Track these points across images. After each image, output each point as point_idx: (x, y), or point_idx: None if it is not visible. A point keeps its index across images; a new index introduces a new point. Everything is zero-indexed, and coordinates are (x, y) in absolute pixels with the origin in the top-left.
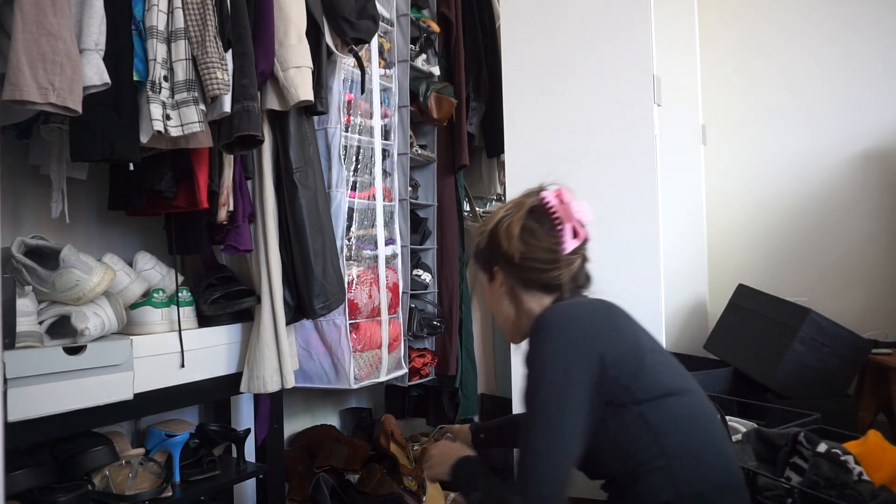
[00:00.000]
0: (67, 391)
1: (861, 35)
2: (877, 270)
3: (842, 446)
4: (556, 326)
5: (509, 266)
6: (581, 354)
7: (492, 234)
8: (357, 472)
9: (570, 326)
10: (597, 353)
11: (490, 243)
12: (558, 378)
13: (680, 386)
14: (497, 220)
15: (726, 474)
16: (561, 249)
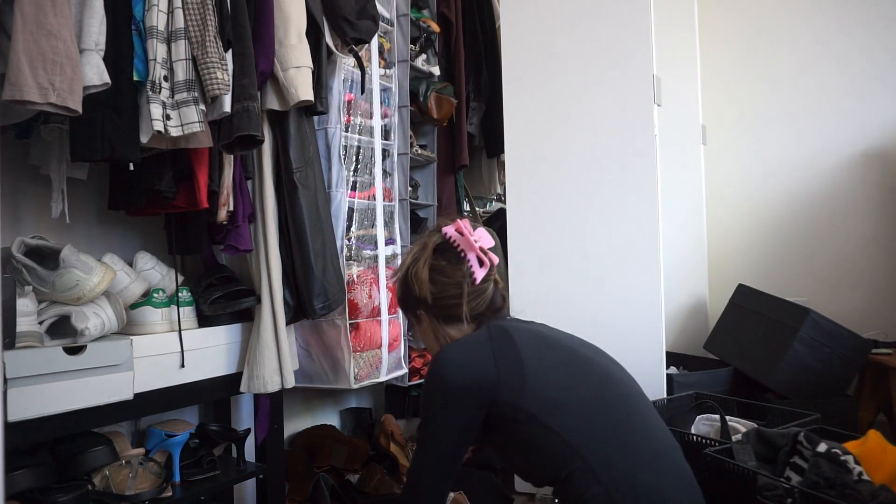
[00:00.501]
0: (67, 391)
1: (861, 35)
2: (877, 270)
3: (842, 446)
4: (440, 376)
5: (427, 308)
6: (461, 403)
7: (403, 281)
8: (357, 472)
9: (452, 376)
10: (476, 388)
11: (405, 291)
12: (438, 420)
13: (582, 383)
14: (406, 267)
15: (651, 450)
16: (471, 281)
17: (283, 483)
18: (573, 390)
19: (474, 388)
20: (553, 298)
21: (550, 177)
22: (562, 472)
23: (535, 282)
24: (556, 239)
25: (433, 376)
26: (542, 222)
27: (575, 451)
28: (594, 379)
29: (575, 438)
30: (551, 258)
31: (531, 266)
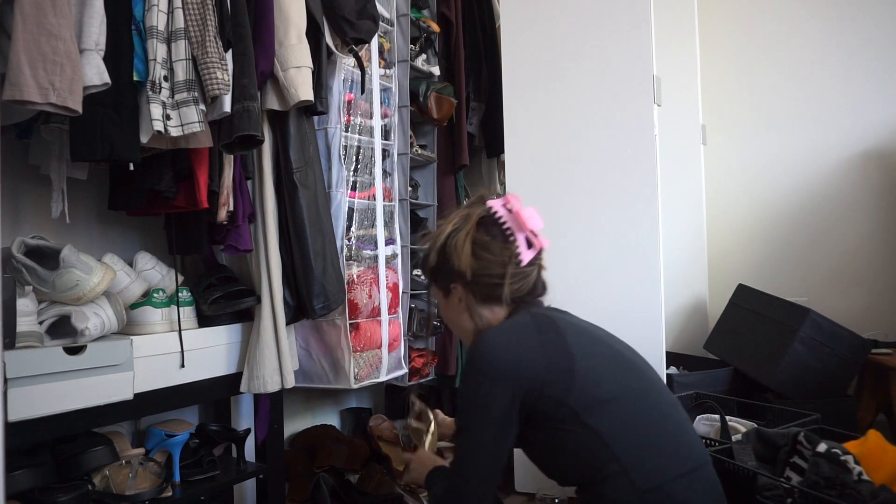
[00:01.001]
0: (67, 391)
1: (861, 35)
2: (877, 270)
3: (842, 446)
4: (484, 360)
5: (464, 283)
6: (505, 388)
7: (441, 251)
8: (357, 472)
9: (498, 360)
10: (523, 381)
11: (441, 260)
12: (483, 412)
13: (625, 385)
14: (445, 236)
15: (686, 461)
16: (517, 262)
17: (283, 483)
18: (618, 392)
19: (521, 379)
20: (553, 298)
21: (550, 177)
22: (596, 476)
23: None
24: (556, 239)
25: (478, 363)
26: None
27: (614, 456)
28: (635, 383)
29: (616, 443)
30: (551, 258)
31: None
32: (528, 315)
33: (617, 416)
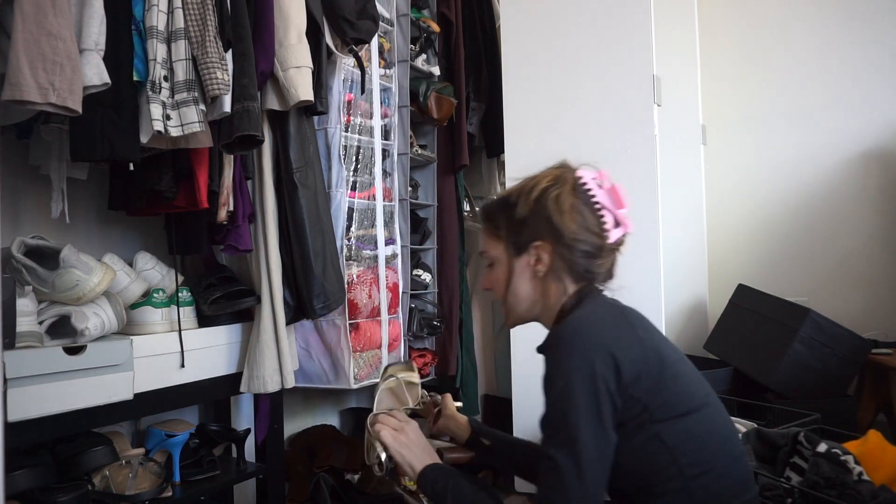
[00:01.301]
0: (67, 391)
1: (861, 35)
2: (877, 270)
3: (842, 446)
4: (581, 344)
5: (555, 244)
6: (605, 377)
7: (538, 201)
8: (357, 472)
9: (595, 344)
10: (623, 372)
11: (536, 213)
12: (588, 402)
13: (700, 401)
14: (542, 189)
15: (744, 488)
16: (606, 237)
17: (283, 483)
18: (693, 407)
19: (621, 370)
20: None
21: None
22: (654, 489)
23: None
24: None
25: (580, 346)
26: None
27: (679, 473)
28: (707, 400)
29: (683, 458)
30: None
31: None
32: (611, 302)
33: (689, 432)
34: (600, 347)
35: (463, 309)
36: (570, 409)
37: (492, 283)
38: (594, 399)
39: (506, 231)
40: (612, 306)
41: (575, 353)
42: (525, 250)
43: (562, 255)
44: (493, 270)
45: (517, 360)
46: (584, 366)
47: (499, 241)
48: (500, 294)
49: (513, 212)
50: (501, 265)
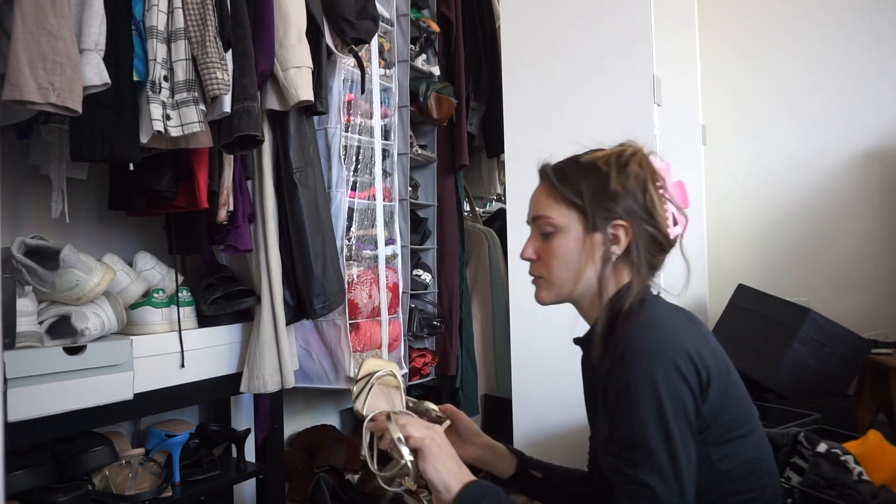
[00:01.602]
0: (67, 391)
1: (862, 35)
2: (877, 270)
3: (842, 446)
4: (663, 354)
5: (637, 228)
6: (690, 386)
7: (636, 179)
8: (357, 472)
9: (677, 352)
10: (702, 382)
11: (630, 191)
12: (677, 418)
13: (753, 422)
14: (638, 166)
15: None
16: (669, 233)
17: (283, 483)
18: (746, 429)
19: (700, 379)
20: None
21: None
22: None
23: None
24: None
25: (662, 349)
26: None
27: (721, 496)
28: (755, 418)
29: (729, 485)
30: None
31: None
32: (672, 304)
33: (740, 457)
34: (683, 355)
35: (463, 309)
36: (660, 427)
37: (542, 253)
38: (683, 416)
39: (590, 200)
40: (679, 309)
41: (658, 366)
42: (603, 227)
43: (637, 242)
44: (552, 240)
45: (517, 360)
46: (670, 378)
47: (572, 210)
48: (552, 267)
49: (606, 182)
50: (567, 237)
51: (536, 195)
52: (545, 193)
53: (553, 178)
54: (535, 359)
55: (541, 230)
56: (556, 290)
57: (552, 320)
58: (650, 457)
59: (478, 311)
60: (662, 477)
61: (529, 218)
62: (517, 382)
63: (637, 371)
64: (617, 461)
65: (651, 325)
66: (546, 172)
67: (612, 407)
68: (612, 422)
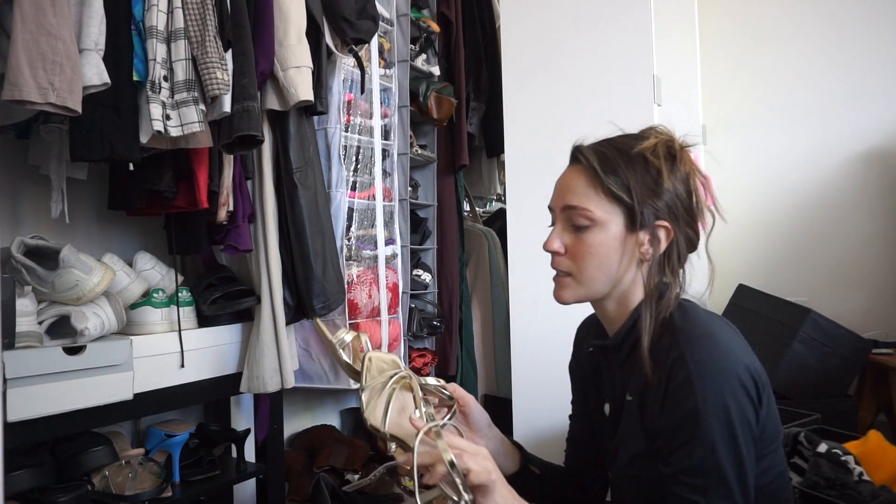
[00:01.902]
0: (67, 391)
1: (862, 35)
2: (877, 270)
3: (842, 446)
4: (731, 367)
5: (677, 229)
6: (752, 404)
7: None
8: (357, 473)
9: (743, 362)
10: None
11: (677, 191)
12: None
13: (781, 433)
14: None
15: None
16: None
17: (283, 483)
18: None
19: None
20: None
21: (550, 177)
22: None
23: (535, 281)
24: None
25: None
26: (542, 222)
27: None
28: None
29: (763, 501)
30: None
31: (531, 266)
32: (705, 309)
33: (773, 469)
34: (745, 370)
35: (463, 309)
36: (733, 453)
37: (572, 248)
38: (750, 436)
39: (639, 196)
40: (718, 316)
41: (726, 386)
42: (645, 226)
43: (678, 244)
44: (586, 235)
45: (517, 360)
46: (738, 398)
47: (615, 204)
48: (583, 265)
49: (657, 178)
50: (606, 233)
51: (570, 181)
52: (583, 181)
53: (597, 165)
54: (535, 359)
55: (571, 221)
56: (584, 290)
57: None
58: (723, 485)
59: (478, 311)
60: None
61: (558, 205)
62: (517, 382)
63: (706, 393)
64: (679, 487)
65: (711, 339)
66: (585, 157)
67: (672, 429)
68: (671, 444)
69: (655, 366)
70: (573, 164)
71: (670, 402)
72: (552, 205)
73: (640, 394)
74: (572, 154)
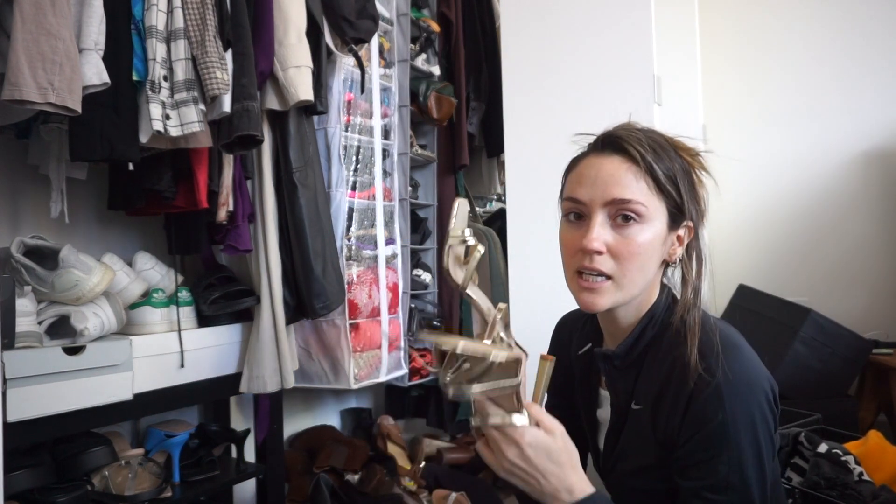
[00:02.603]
0: (67, 391)
1: (862, 35)
2: (877, 270)
3: (842, 446)
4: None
5: (697, 229)
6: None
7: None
8: (357, 473)
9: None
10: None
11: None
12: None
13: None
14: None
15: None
16: None
17: (283, 483)
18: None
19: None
20: (553, 298)
21: (550, 177)
22: None
23: (535, 281)
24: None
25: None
26: (542, 222)
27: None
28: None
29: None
30: (551, 258)
31: (531, 266)
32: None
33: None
34: (768, 383)
35: (463, 309)
36: (759, 470)
37: (615, 247)
38: (773, 451)
39: (686, 195)
40: (725, 322)
41: (755, 401)
42: (677, 227)
43: (697, 247)
44: (633, 232)
45: None
46: (765, 414)
47: (661, 198)
48: (628, 267)
49: (693, 175)
50: (652, 230)
51: (614, 171)
52: (629, 171)
53: (650, 157)
54: (535, 359)
55: (618, 217)
56: (622, 294)
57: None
58: (748, 501)
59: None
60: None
61: (601, 199)
62: None
63: (735, 408)
64: (700, 502)
65: (738, 351)
66: (633, 146)
67: (696, 442)
68: (694, 457)
69: (675, 370)
70: (612, 154)
71: (694, 415)
72: (589, 198)
73: (651, 404)
74: (609, 142)
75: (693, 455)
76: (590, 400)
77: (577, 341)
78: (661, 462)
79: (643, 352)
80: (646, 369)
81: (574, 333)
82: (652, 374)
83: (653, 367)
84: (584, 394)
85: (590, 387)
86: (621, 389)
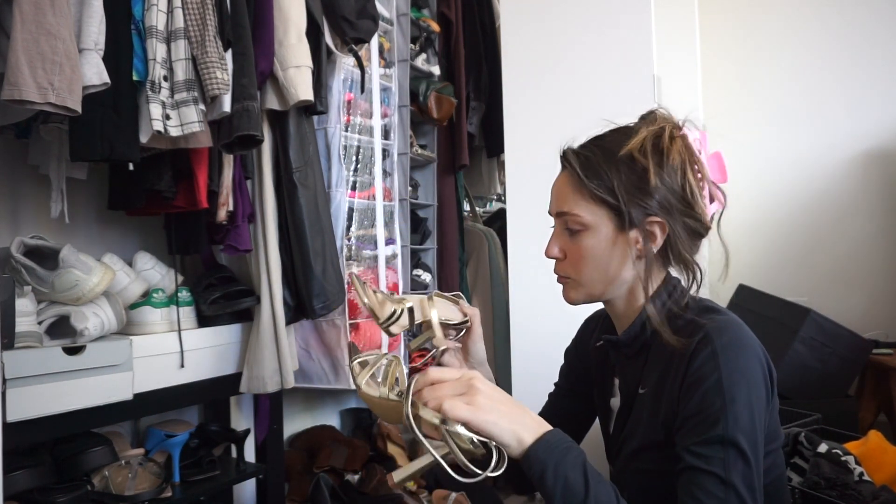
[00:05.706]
0: (67, 391)
1: (862, 35)
2: (878, 270)
3: (842, 446)
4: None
5: (673, 219)
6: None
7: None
8: (357, 473)
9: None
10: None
11: (669, 185)
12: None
13: (781, 435)
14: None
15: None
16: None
17: (283, 483)
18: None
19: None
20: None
21: (550, 177)
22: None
23: (535, 281)
24: None
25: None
26: (542, 222)
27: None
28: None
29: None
30: None
31: (531, 266)
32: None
33: (773, 470)
34: (762, 354)
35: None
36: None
37: (569, 252)
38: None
39: (625, 197)
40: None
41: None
42: (638, 224)
43: (677, 237)
44: (579, 239)
45: (517, 360)
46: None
47: (601, 207)
48: (580, 268)
49: (643, 176)
50: (597, 236)
51: (559, 187)
52: (570, 186)
53: (579, 170)
54: (536, 358)
55: (565, 226)
56: (585, 290)
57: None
58: (741, 459)
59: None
60: (750, 488)
61: (553, 211)
62: (517, 382)
63: (733, 365)
64: (698, 460)
65: (736, 326)
66: (569, 161)
67: (694, 404)
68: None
69: (677, 352)
70: (562, 169)
71: (692, 377)
72: (550, 210)
73: (655, 385)
74: (560, 158)
75: (690, 418)
76: (604, 390)
77: (597, 335)
78: (665, 441)
79: (649, 339)
80: (652, 355)
81: (597, 329)
82: (657, 359)
83: (658, 354)
84: (600, 384)
85: (605, 377)
86: (630, 376)
